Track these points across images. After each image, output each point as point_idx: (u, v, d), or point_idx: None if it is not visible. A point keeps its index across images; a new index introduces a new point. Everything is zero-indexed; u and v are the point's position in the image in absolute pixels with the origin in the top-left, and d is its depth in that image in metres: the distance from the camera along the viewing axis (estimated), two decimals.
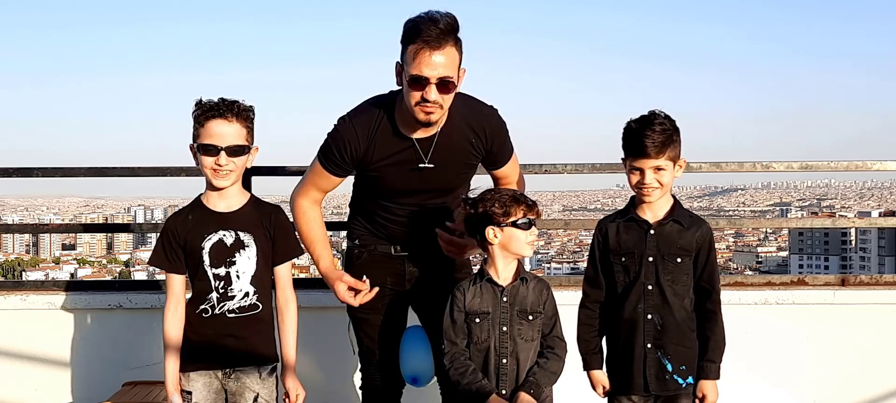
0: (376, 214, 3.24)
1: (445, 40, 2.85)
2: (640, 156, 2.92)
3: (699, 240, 2.98)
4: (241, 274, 2.99)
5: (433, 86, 2.86)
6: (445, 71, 2.86)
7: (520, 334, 2.91)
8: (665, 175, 2.94)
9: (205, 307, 2.98)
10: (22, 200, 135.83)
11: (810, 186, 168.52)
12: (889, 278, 4.72)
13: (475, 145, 3.13)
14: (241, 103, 2.97)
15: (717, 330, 2.99)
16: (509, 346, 2.91)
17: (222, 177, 2.95)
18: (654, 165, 2.92)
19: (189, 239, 2.99)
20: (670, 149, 2.93)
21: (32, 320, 4.30)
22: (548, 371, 2.91)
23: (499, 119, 3.19)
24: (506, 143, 3.24)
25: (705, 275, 2.99)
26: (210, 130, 2.91)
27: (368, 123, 3.06)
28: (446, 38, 2.85)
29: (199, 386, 2.99)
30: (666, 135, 2.92)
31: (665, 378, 2.98)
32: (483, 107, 3.17)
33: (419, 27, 2.84)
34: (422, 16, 2.87)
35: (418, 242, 3.21)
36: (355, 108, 3.13)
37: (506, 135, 3.23)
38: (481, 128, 3.12)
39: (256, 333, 3.00)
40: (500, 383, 2.91)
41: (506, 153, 3.26)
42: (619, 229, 3.04)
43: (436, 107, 2.90)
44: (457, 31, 2.90)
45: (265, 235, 3.02)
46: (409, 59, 2.87)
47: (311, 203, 3.24)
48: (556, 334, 2.95)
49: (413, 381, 3.25)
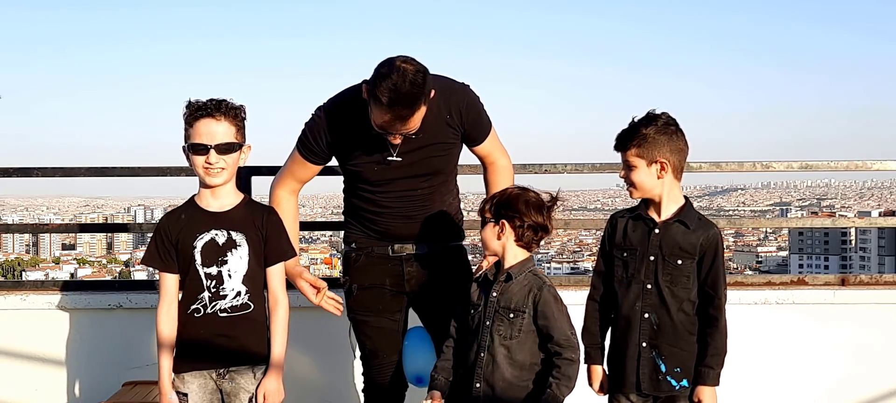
0: (365, 210, 3.24)
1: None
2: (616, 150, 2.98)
3: (704, 244, 2.94)
4: (233, 273, 2.99)
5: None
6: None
7: (498, 331, 2.91)
8: (637, 174, 2.93)
9: (196, 306, 2.99)
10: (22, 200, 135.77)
11: (810, 186, 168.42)
12: (889, 278, 4.71)
13: (451, 123, 3.14)
14: (228, 101, 2.99)
15: (718, 337, 2.92)
16: (487, 341, 2.91)
17: (214, 175, 2.97)
18: (625, 161, 2.95)
19: (181, 237, 3.00)
20: (637, 147, 2.90)
21: (32, 320, 4.30)
22: (563, 379, 2.84)
23: (471, 94, 3.19)
24: (481, 119, 3.23)
25: (709, 280, 2.94)
26: (199, 130, 2.94)
27: (342, 111, 3.13)
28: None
29: (195, 388, 2.99)
30: (632, 130, 2.92)
31: (658, 379, 2.96)
32: (454, 83, 3.19)
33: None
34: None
35: (411, 233, 3.20)
36: (332, 97, 3.19)
37: (480, 110, 3.23)
38: (455, 105, 3.14)
39: (249, 333, 3.01)
40: (475, 376, 2.93)
41: (482, 129, 3.25)
42: (628, 225, 3.03)
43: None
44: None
45: (258, 235, 3.03)
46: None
47: (288, 193, 3.30)
48: (559, 336, 2.85)
49: (418, 381, 3.24)
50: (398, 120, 2.89)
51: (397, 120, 2.89)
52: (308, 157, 3.22)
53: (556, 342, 2.87)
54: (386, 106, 2.85)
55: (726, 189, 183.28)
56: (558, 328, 2.87)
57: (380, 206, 3.20)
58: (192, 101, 2.99)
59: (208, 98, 2.98)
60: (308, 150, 3.20)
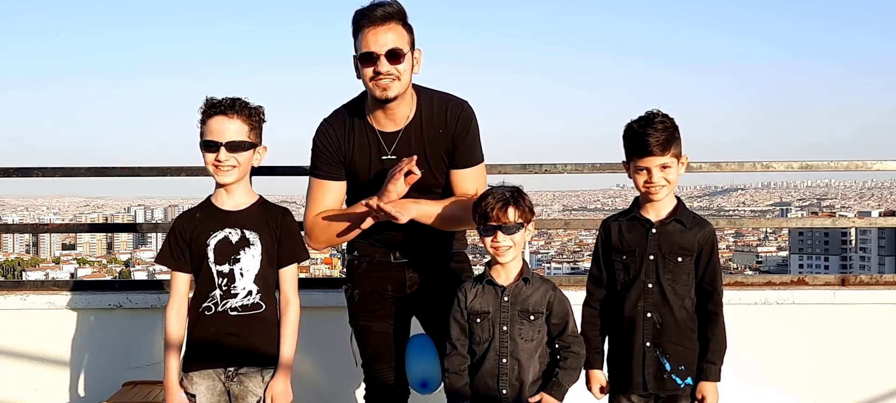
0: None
1: (389, 18, 2.99)
2: (645, 155, 2.93)
3: (701, 241, 2.98)
4: (245, 272, 2.99)
5: (383, 58, 2.96)
6: (393, 43, 2.98)
7: (520, 334, 2.92)
8: (671, 172, 2.97)
9: (208, 304, 2.99)
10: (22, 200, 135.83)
11: (810, 186, 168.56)
12: (889, 278, 4.71)
13: (446, 132, 3.12)
14: (243, 100, 3.00)
15: (718, 332, 2.97)
16: (509, 346, 2.91)
17: (224, 173, 2.97)
18: (661, 163, 2.94)
19: (195, 235, 3.01)
20: (673, 146, 2.95)
21: (32, 320, 4.30)
22: (569, 370, 2.93)
23: (469, 110, 3.17)
24: (472, 140, 3.16)
25: (707, 277, 2.99)
26: (211, 127, 2.96)
27: (343, 122, 3.15)
28: (390, 17, 2.99)
29: (203, 389, 2.99)
30: (668, 133, 2.94)
31: (663, 378, 2.98)
32: (454, 98, 3.19)
33: (364, 12, 3.00)
34: (366, 5, 3.02)
35: (414, 243, 3.19)
36: (330, 113, 3.22)
37: (474, 132, 3.17)
38: (450, 115, 3.13)
39: (259, 333, 3.00)
40: (500, 383, 2.92)
41: (469, 153, 3.15)
42: (622, 228, 3.05)
43: (390, 79, 2.98)
44: (402, 14, 3.03)
45: (271, 236, 3.03)
46: (358, 43, 3.01)
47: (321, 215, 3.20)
48: (570, 332, 2.95)
49: (423, 386, 3.23)
50: (379, 26, 2.95)
51: (377, 27, 2.95)
52: (324, 175, 3.17)
53: (571, 333, 2.94)
54: (365, 19, 2.96)
55: (726, 189, 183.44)
56: (572, 322, 2.97)
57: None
58: (209, 99, 3.00)
59: (225, 96, 3.00)
60: (322, 169, 3.16)
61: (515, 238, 2.91)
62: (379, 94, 3.00)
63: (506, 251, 2.91)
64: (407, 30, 3.03)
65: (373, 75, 2.98)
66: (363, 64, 3.00)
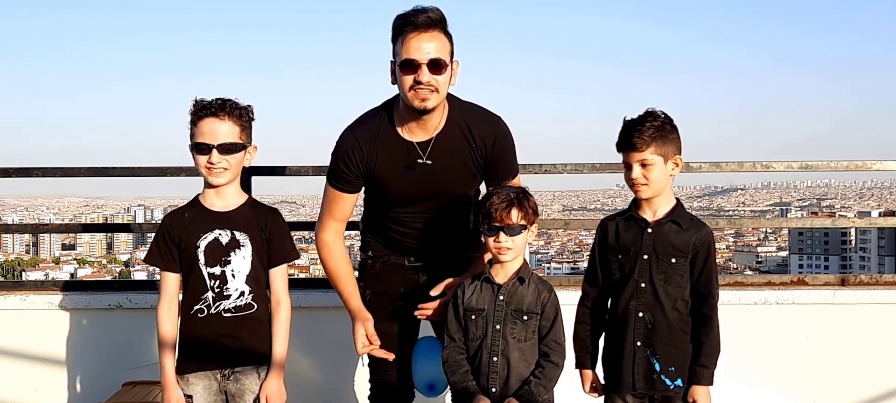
0: (387, 228, 3.21)
1: (433, 26, 2.92)
2: (627, 149, 2.93)
3: (697, 243, 2.96)
4: (237, 273, 2.99)
5: (424, 67, 2.89)
6: (435, 53, 2.90)
7: (512, 333, 2.91)
8: (653, 170, 2.92)
9: (200, 307, 2.99)
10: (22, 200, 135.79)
11: (810, 186, 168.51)
12: (889, 278, 4.71)
13: (476, 149, 3.09)
14: (234, 101, 2.99)
15: (712, 336, 2.94)
16: (500, 345, 2.91)
17: (216, 175, 2.97)
18: (640, 159, 2.92)
19: (184, 237, 3.00)
20: (657, 145, 2.91)
21: (32, 320, 4.30)
22: (544, 380, 2.90)
23: (504, 127, 3.14)
24: (509, 156, 3.16)
25: (702, 280, 2.96)
26: (202, 129, 2.94)
27: (370, 130, 3.08)
28: (433, 24, 2.92)
29: (199, 390, 2.99)
30: (653, 129, 2.91)
31: (653, 378, 2.96)
32: (487, 113, 3.15)
33: (407, 18, 2.92)
34: (409, 10, 2.94)
35: (431, 253, 3.19)
36: (355, 120, 3.14)
37: (510, 148, 3.15)
38: (482, 132, 3.08)
39: (253, 333, 3.01)
40: (490, 381, 2.91)
41: (507, 167, 3.16)
42: (619, 227, 3.04)
43: (429, 90, 2.91)
44: (444, 22, 2.96)
45: (261, 236, 3.03)
46: (399, 48, 2.93)
47: (333, 236, 3.20)
48: (553, 338, 2.93)
49: (430, 388, 3.22)
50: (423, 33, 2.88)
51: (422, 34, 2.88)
52: (342, 187, 3.12)
53: (554, 340, 2.92)
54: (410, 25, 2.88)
55: (726, 189, 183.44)
56: (556, 330, 2.94)
57: (403, 226, 3.17)
58: (198, 100, 2.98)
59: (214, 97, 2.98)
60: (341, 179, 3.11)
61: (517, 239, 2.91)
62: (417, 105, 2.93)
63: (506, 251, 2.91)
64: (448, 39, 2.96)
65: (412, 84, 2.90)
66: (403, 71, 2.91)
